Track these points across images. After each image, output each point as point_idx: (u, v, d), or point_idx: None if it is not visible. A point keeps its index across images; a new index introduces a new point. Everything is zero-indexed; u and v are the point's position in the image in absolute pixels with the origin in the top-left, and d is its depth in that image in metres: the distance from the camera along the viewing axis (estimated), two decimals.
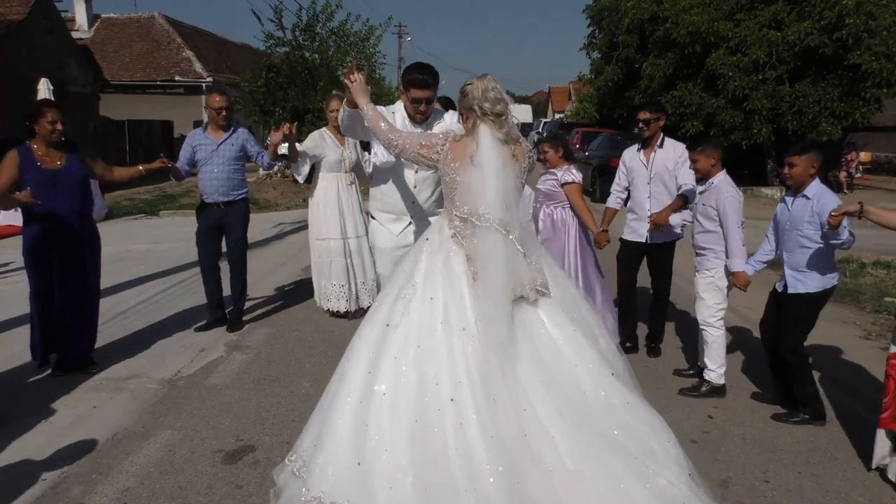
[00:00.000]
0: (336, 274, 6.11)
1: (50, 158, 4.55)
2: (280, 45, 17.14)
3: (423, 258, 3.10)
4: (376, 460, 2.73)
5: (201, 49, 26.58)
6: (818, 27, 15.61)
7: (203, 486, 3.36)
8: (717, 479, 3.49)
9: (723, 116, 16.94)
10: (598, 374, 2.93)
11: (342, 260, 6.10)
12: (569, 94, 52.66)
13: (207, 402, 4.36)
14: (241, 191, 5.74)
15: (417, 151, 3.19)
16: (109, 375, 4.81)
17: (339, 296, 6.14)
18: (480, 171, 3.00)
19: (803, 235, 4.04)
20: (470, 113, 3.08)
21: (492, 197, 2.98)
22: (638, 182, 5.24)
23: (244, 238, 5.84)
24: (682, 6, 17.34)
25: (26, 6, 16.14)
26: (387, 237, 4.30)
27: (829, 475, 3.59)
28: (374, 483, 2.69)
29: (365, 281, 6.25)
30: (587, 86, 27.47)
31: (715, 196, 4.44)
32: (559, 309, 3.04)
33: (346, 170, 6.13)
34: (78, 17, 26.08)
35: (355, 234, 6.16)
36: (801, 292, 4.09)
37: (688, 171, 4.96)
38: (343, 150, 6.08)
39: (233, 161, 5.63)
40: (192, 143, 5.61)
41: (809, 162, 4.01)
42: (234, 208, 5.70)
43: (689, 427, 4.09)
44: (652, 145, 5.18)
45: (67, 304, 4.66)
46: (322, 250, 6.12)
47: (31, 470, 3.50)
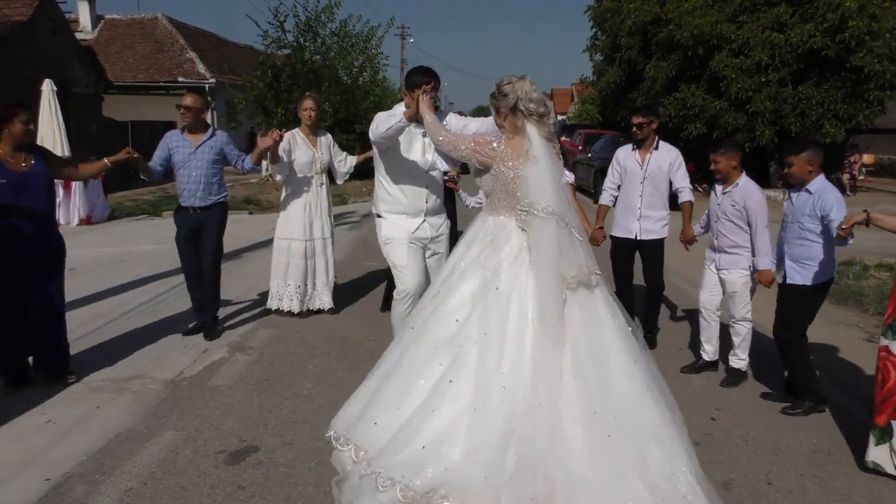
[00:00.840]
0: (293, 275, 6.09)
1: (15, 160, 4.32)
2: (281, 46, 17.17)
3: (481, 251, 3.27)
4: (441, 438, 2.90)
5: (204, 50, 26.63)
6: (821, 29, 15.61)
7: (206, 487, 3.36)
8: (719, 480, 3.49)
9: (725, 118, 16.93)
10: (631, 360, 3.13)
11: (301, 262, 6.08)
12: (571, 96, 52.64)
13: (210, 403, 4.37)
14: (218, 195, 5.58)
15: (472, 148, 3.35)
16: (112, 376, 4.81)
17: (293, 296, 6.13)
18: (537, 164, 3.19)
19: (804, 228, 4.18)
20: (513, 112, 3.27)
21: (550, 189, 3.17)
22: (631, 181, 5.40)
23: (219, 244, 5.66)
24: (684, 8, 17.35)
25: (30, 7, 16.18)
26: (402, 231, 4.44)
27: (832, 477, 3.58)
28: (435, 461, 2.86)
29: (327, 282, 6.26)
30: (589, 88, 27.47)
31: (744, 197, 4.59)
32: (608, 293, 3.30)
33: (316, 171, 6.06)
34: (81, 18, 26.16)
35: (321, 236, 6.16)
36: (798, 283, 4.25)
37: (683, 175, 5.33)
38: (315, 151, 6.02)
39: (211, 164, 5.47)
40: (170, 145, 5.45)
41: (806, 160, 4.17)
42: (211, 213, 5.53)
43: (692, 428, 4.06)
44: (647, 147, 5.37)
45: (38, 312, 4.46)
46: (282, 250, 6.08)
47: (34, 470, 3.51)
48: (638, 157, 5.38)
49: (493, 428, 2.87)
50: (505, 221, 3.28)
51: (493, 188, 3.33)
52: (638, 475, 2.84)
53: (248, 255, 9.19)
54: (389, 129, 4.06)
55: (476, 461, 2.83)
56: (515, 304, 3.07)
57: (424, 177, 4.41)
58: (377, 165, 4.53)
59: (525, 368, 2.95)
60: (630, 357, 3.13)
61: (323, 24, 17.12)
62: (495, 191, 3.32)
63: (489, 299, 3.11)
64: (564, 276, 3.10)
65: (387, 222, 4.49)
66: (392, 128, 4.04)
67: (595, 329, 3.12)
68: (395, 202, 4.44)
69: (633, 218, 5.42)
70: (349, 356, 5.23)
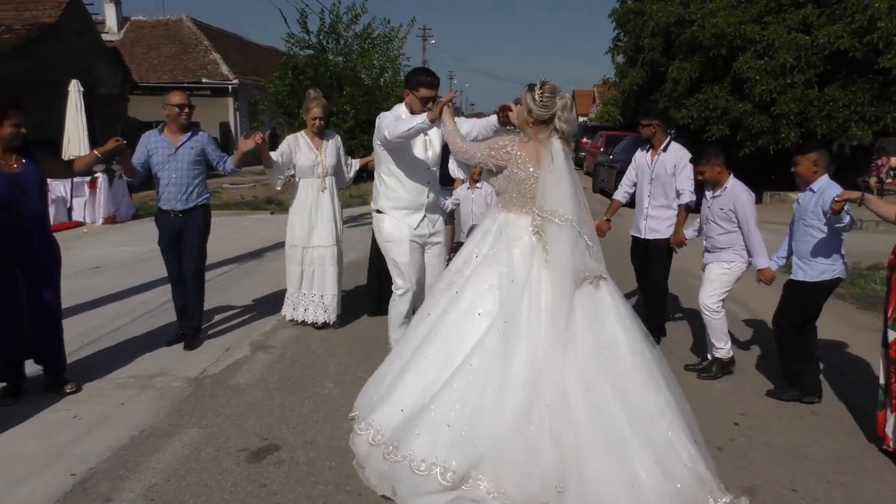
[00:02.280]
0: (307, 283, 5.84)
1: (6, 162, 4.20)
2: (305, 47, 17.25)
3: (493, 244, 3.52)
4: (465, 425, 3.10)
5: (228, 51, 26.87)
6: (848, 30, 15.37)
7: (228, 485, 3.39)
8: (742, 487, 3.45)
9: (749, 120, 16.72)
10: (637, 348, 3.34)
11: (298, 268, 5.83)
12: (593, 98, 52.40)
13: (232, 401, 4.40)
14: (200, 198, 5.30)
15: (487, 154, 3.58)
16: (136, 373, 4.88)
17: (308, 305, 5.87)
18: (559, 176, 3.41)
19: (808, 225, 4.34)
20: (545, 123, 3.47)
21: (570, 199, 3.40)
22: (642, 181, 5.63)
23: (202, 248, 5.38)
24: (708, 9, 17.17)
25: (58, 9, 16.44)
26: (403, 229, 4.64)
27: (858, 485, 3.53)
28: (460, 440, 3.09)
29: (324, 295, 5.87)
30: (611, 89, 27.32)
31: (732, 200, 4.74)
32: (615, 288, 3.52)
33: (319, 175, 5.76)
34: (108, 19, 26.53)
35: (321, 244, 5.80)
36: (800, 279, 4.40)
37: (686, 178, 5.40)
38: (318, 154, 5.73)
39: (192, 166, 5.21)
40: (148, 146, 5.15)
41: (812, 161, 4.34)
42: (193, 216, 5.25)
43: (715, 434, 4.05)
44: (657, 148, 5.55)
45: (35, 317, 4.36)
46: (294, 258, 5.83)
47: (60, 465, 3.56)
48: (648, 157, 5.60)
49: (514, 411, 3.07)
50: (516, 218, 3.52)
51: (506, 188, 3.57)
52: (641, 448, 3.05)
53: (270, 254, 9.26)
54: (411, 130, 4.19)
55: (502, 443, 3.04)
56: (529, 295, 3.30)
57: (426, 172, 4.66)
58: (379, 163, 4.72)
59: (540, 355, 3.17)
60: (636, 346, 3.33)
61: (346, 27, 17.17)
62: (507, 190, 3.56)
63: (506, 291, 3.35)
64: (578, 274, 3.34)
65: (389, 218, 4.68)
66: (414, 128, 4.17)
67: (601, 319, 3.34)
68: (397, 197, 4.66)
69: (641, 217, 5.62)
70: (370, 357, 5.24)
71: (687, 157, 5.38)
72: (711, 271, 4.92)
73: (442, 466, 3.06)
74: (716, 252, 4.91)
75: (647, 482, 2.98)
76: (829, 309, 6.90)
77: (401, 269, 4.67)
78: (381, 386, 3.63)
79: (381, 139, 4.43)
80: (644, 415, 3.15)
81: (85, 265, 8.24)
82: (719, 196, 4.81)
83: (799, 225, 4.43)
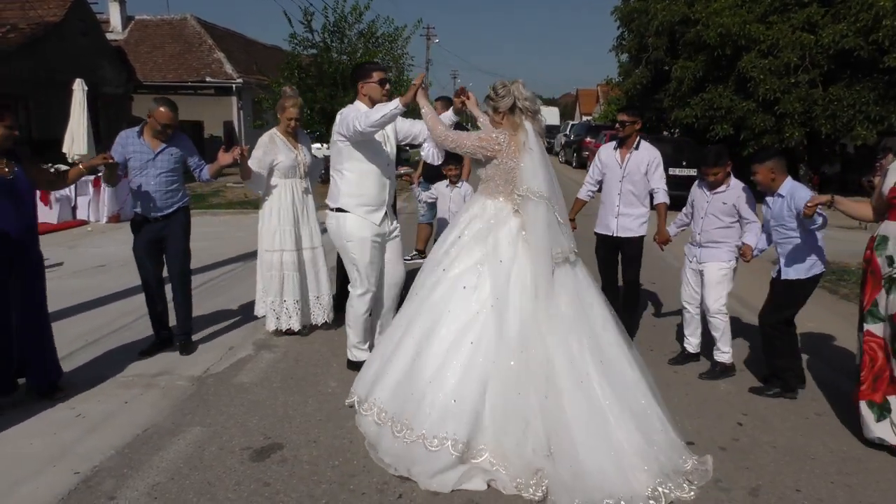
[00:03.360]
0: (290, 289, 5.56)
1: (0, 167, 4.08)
2: (308, 46, 17.26)
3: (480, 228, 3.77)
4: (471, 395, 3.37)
5: (232, 51, 26.89)
6: (853, 29, 15.33)
7: (231, 483, 3.39)
8: (746, 487, 3.45)
9: (753, 120, 16.69)
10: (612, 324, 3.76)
11: (296, 274, 5.57)
12: (596, 97, 52.36)
13: (236, 400, 4.41)
14: (180, 201, 5.14)
15: (476, 144, 3.82)
16: (140, 372, 4.89)
17: (292, 313, 5.59)
18: (532, 156, 3.72)
19: (787, 228, 4.51)
20: (512, 111, 3.78)
21: (542, 177, 3.70)
22: (611, 179, 5.57)
23: (186, 250, 5.22)
24: (713, 8, 17.13)
25: (62, 8, 16.47)
26: (368, 227, 4.60)
27: (863, 486, 3.52)
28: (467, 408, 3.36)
29: (319, 296, 5.75)
30: (615, 89, 27.27)
31: (736, 196, 4.87)
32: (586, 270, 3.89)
33: (300, 175, 5.59)
34: (112, 18, 26.55)
35: (310, 245, 5.66)
36: (791, 278, 4.55)
37: (660, 176, 5.50)
38: (297, 153, 5.55)
39: (171, 172, 5.03)
40: (126, 148, 4.93)
41: (769, 168, 4.51)
42: (174, 219, 5.10)
43: (718, 434, 4.05)
44: (628, 146, 5.52)
45: (29, 326, 4.26)
46: (274, 263, 5.53)
47: (64, 464, 3.57)
48: (618, 156, 5.53)
49: (509, 382, 3.37)
50: (503, 205, 3.78)
51: (493, 176, 3.81)
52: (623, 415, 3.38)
53: None
54: (384, 117, 4.18)
55: (501, 413, 3.34)
56: (515, 273, 3.59)
57: (386, 168, 4.65)
58: (339, 160, 4.60)
59: (528, 330, 3.46)
60: (610, 322, 3.74)
61: (350, 26, 17.17)
62: (495, 178, 3.81)
63: (494, 269, 3.61)
64: (552, 252, 3.63)
65: (353, 216, 4.58)
66: (388, 115, 4.17)
67: (581, 295, 3.69)
68: (360, 195, 4.59)
69: (611, 215, 5.56)
70: None
71: (659, 156, 5.50)
72: (711, 274, 4.90)
73: (452, 439, 3.30)
74: (711, 249, 4.92)
75: (629, 448, 3.29)
76: (833, 308, 6.92)
77: (360, 269, 4.62)
78: (373, 366, 3.87)
79: (349, 133, 4.38)
80: (623, 385, 3.51)
81: (89, 264, 8.23)
82: (722, 192, 4.89)
83: (778, 229, 4.58)
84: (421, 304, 3.76)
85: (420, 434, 3.35)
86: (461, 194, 6.28)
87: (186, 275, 5.28)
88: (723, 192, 4.90)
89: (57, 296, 6.26)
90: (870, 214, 4.06)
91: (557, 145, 34.93)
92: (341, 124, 4.48)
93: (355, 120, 4.27)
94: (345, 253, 4.70)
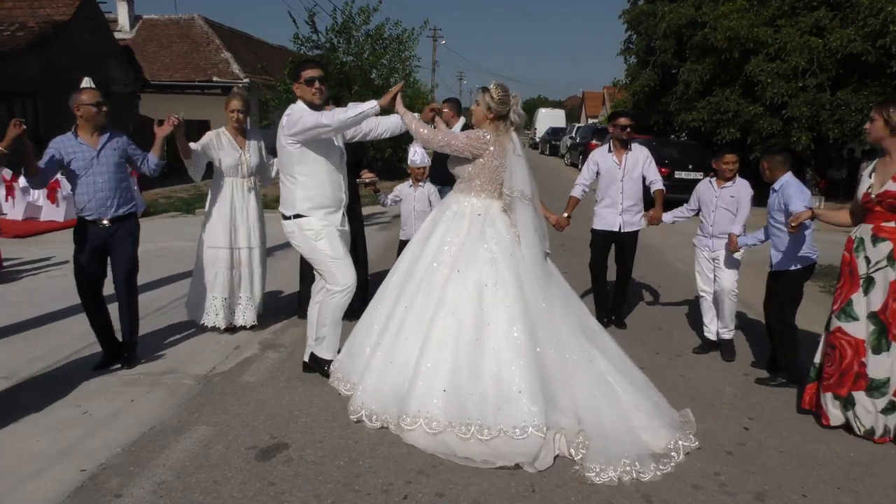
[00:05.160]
0: (220, 286, 5.53)
1: None
2: (314, 47, 17.30)
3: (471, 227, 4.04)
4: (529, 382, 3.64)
5: (239, 50, 26.94)
6: (861, 34, 15.27)
7: (237, 482, 3.40)
8: (752, 491, 3.44)
9: (760, 124, 16.64)
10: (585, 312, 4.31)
11: (227, 272, 5.54)
12: (603, 100, 52.32)
13: (242, 399, 4.42)
14: (130, 204, 4.88)
15: (465, 144, 4.04)
16: (147, 370, 4.90)
17: (219, 310, 5.58)
18: (521, 162, 4.12)
19: (777, 221, 4.83)
20: (504, 119, 4.11)
21: (529, 181, 4.14)
22: (611, 180, 5.99)
23: (134, 256, 4.94)
24: (721, 11, 17.09)
25: (71, 7, 16.51)
26: (330, 224, 4.51)
27: (869, 491, 3.50)
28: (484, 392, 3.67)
29: (251, 297, 5.71)
30: (622, 91, 27.23)
31: (740, 191, 5.38)
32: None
33: (243, 174, 5.53)
34: (120, 17, 26.63)
35: (247, 245, 5.60)
36: (784, 269, 4.85)
37: (654, 168, 6.03)
38: (242, 153, 5.50)
39: (117, 169, 4.76)
40: (62, 151, 4.63)
41: (768, 165, 4.91)
42: (124, 225, 4.82)
43: (724, 438, 4.03)
44: (625, 148, 6.00)
45: None
46: (209, 260, 5.54)
47: (71, 461, 3.58)
48: (615, 157, 5.97)
49: (549, 363, 3.79)
50: (489, 203, 4.09)
51: (477, 175, 4.08)
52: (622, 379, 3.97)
53: (279, 253, 9.26)
54: (359, 116, 4.18)
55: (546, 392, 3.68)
56: (517, 267, 3.95)
57: (340, 165, 4.58)
58: (290, 164, 4.45)
59: (544, 315, 3.92)
60: (585, 310, 4.28)
61: (357, 27, 17.20)
62: (479, 176, 4.08)
63: (502, 266, 3.92)
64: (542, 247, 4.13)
65: (313, 218, 4.46)
66: (362, 114, 4.18)
67: (558, 281, 4.21)
68: (318, 196, 4.46)
69: (615, 213, 6.00)
70: None
71: (649, 152, 6.08)
72: (727, 257, 5.33)
73: (533, 425, 3.55)
74: (723, 239, 5.34)
75: (632, 404, 3.84)
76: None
77: (338, 264, 4.47)
78: (389, 379, 3.94)
79: (306, 132, 4.26)
80: (618, 358, 4.10)
81: None
82: (729, 186, 5.39)
83: (769, 222, 4.96)
84: (438, 307, 3.90)
85: (499, 430, 3.57)
86: (425, 194, 6.35)
87: (133, 282, 4.98)
88: (730, 186, 5.38)
89: (63, 294, 6.31)
90: (849, 220, 4.24)
91: (563, 147, 34.90)
92: (293, 125, 4.30)
93: (321, 117, 4.19)
94: (315, 254, 4.51)
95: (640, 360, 5.34)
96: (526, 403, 3.58)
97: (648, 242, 6.59)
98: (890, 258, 3.90)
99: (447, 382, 3.72)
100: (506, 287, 3.86)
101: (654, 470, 3.55)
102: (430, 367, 3.77)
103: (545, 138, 42.44)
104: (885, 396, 3.97)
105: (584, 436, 3.61)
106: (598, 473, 3.45)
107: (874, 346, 3.97)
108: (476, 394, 3.65)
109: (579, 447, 3.59)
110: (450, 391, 3.70)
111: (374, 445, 3.80)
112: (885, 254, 3.92)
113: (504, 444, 3.54)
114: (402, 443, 3.80)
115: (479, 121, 4.13)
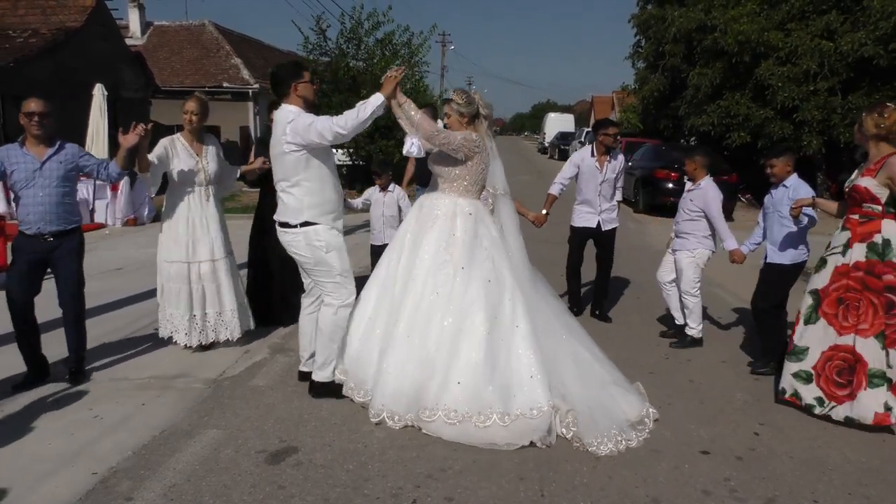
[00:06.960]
0: (182, 303, 5.18)
1: None
2: (322, 53, 17.33)
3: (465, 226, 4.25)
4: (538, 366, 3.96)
5: (249, 56, 27.08)
6: (873, 38, 15.20)
7: (247, 486, 3.41)
8: (763, 497, 3.42)
9: (771, 128, 16.58)
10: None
11: (187, 287, 5.17)
12: (612, 104, 52.21)
13: (251, 403, 4.43)
14: (74, 218, 4.68)
15: (462, 143, 4.21)
16: (157, 374, 4.93)
17: (187, 328, 5.22)
18: (497, 159, 4.53)
19: (782, 216, 5.01)
20: (478, 118, 4.38)
21: (503, 176, 4.55)
22: (590, 183, 6.42)
23: (79, 271, 4.71)
24: (731, 15, 17.05)
25: (83, 14, 16.64)
26: (338, 235, 4.39)
27: (881, 498, 3.47)
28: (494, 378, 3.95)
29: (221, 312, 5.31)
30: (631, 96, 27.19)
31: (702, 195, 5.67)
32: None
33: (201, 183, 5.20)
34: (131, 24, 26.82)
35: (209, 258, 5.21)
36: (776, 262, 5.12)
37: (622, 178, 6.65)
38: (199, 160, 5.18)
39: (62, 182, 4.54)
40: (7, 161, 4.46)
41: (785, 162, 5.11)
42: (67, 239, 4.61)
43: (735, 443, 4.01)
44: (608, 154, 6.41)
45: None
46: (167, 274, 5.21)
47: (82, 464, 3.61)
48: (597, 163, 6.38)
49: (549, 346, 4.13)
50: (475, 202, 4.33)
51: (462, 175, 4.29)
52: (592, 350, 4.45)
53: None
54: (372, 115, 4.06)
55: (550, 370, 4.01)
56: (511, 262, 4.29)
57: (335, 170, 4.50)
58: (295, 171, 4.22)
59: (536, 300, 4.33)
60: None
61: (367, 32, 17.23)
62: (464, 178, 4.30)
63: (499, 263, 4.21)
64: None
65: (323, 228, 4.29)
66: (374, 114, 4.06)
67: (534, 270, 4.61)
68: (324, 202, 4.30)
69: (594, 213, 6.49)
70: None
71: (623, 158, 6.69)
72: (680, 262, 5.77)
73: (549, 405, 3.85)
74: (681, 239, 5.80)
75: (609, 380, 4.25)
76: None
77: (345, 277, 4.35)
78: (408, 380, 4.03)
79: (323, 139, 4.10)
80: (582, 337, 4.50)
81: (107, 267, 8.32)
82: (693, 190, 5.77)
83: (773, 216, 5.14)
84: (447, 305, 4.11)
85: (517, 414, 3.82)
86: (394, 198, 6.44)
87: (80, 297, 4.75)
88: (693, 189, 5.78)
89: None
90: (842, 210, 4.52)
91: (572, 152, 34.84)
92: (306, 132, 4.09)
93: (334, 124, 4.04)
94: (321, 265, 4.32)
95: (650, 364, 5.34)
96: (538, 385, 3.88)
97: (661, 249, 6.58)
98: (846, 246, 4.27)
99: (462, 375, 3.93)
100: (504, 281, 4.18)
101: (636, 438, 3.93)
102: (444, 362, 3.98)
103: (554, 143, 42.37)
104: (800, 363, 4.41)
105: (572, 415, 3.89)
106: (597, 447, 3.78)
107: (806, 317, 4.42)
108: (493, 384, 3.89)
109: (570, 426, 3.88)
110: (465, 383, 3.91)
111: (383, 449, 3.80)
112: (843, 241, 4.30)
113: (523, 425, 3.81)
114: (411, 447, 3.81)
115: (458, 129, 4.33)
